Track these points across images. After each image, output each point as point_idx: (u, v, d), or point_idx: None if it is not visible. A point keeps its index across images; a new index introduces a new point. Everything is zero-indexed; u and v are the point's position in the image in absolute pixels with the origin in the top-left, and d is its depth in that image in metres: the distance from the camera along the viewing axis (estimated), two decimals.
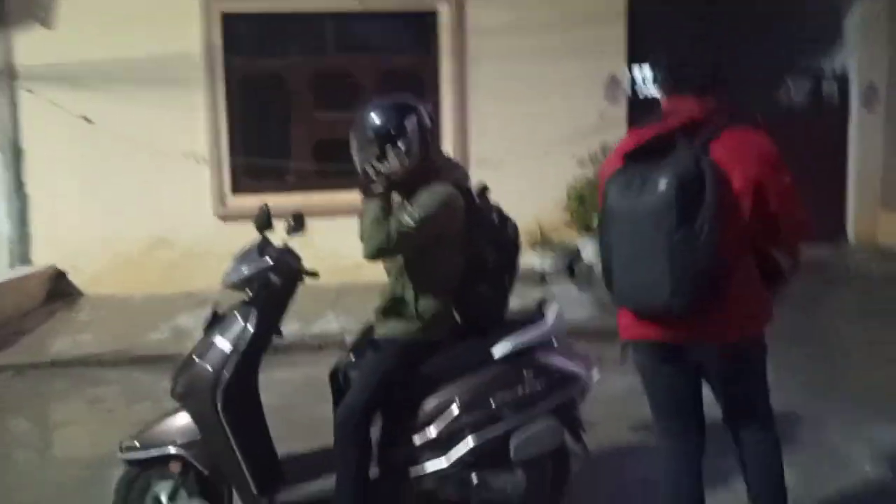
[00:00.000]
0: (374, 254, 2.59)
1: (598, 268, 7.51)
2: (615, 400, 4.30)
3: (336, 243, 5.74)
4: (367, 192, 2.64)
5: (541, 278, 7.30)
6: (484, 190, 2.90)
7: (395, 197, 2.70)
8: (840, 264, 7.65)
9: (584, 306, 6.43)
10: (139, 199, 7.35)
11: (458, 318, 2.77)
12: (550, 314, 2.90)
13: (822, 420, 3.97)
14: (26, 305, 6.91)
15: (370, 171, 2.65)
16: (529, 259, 7.37)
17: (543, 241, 7.46)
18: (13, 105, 7.27)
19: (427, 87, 7.70)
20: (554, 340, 2.92)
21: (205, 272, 6.37)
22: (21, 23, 7.16)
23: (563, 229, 7.55)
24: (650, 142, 2.29)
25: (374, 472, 2.70)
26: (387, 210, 2.60)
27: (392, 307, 2.73)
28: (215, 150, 7.45)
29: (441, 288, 2.68)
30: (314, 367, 3.50)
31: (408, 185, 2.68)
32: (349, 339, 3.02)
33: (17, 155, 7.34)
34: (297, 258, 2.90)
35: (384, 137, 2.61)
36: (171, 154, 7.31)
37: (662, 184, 2.16)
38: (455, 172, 2.76)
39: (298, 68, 7.69)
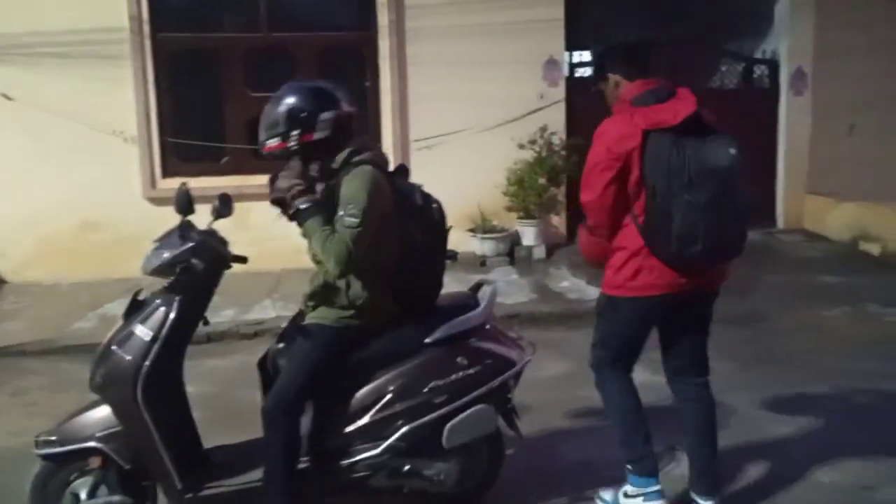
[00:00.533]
0: (343, 269, 2.50)
1: (539, 251, 7.51)
2: (550, 384, 4.35)
3: (274, 227, 5.60)
4: (296, 202, 2.54)
5: (481, 263, 7.31)
6: (402, 170, 2.84)
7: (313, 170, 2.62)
8: (770, 247, 7.88)
9: (523, 291, 6.46)
10: (66, 180, 7.07)
11: (391, 303, 2.71)
12: (485, 298, 2.88)
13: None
14: None
15: (268, 151, 2.60)
16: (470, 243, 7.37)
17: (484, 225, 7.45)
18: None
19: (366, 64, 7.58)
20: (488, 325, 2.90)
21: (136, 257, 6.10)
22: None
23: (503, 213, 7.56)
24: (691, 116, 2.60)
25: (304, 461, 2.64)
26: (324, 220, 2.52)
27: (322, 294, 2.66)
28: (144, 129, 7.20)
29: (374, 272, 2.62)
30: (249, 355, 3.42)
31: (323, 167, 2.62)
32: (286, 325, 2.94)
33: None
34: (223, 242, 2.80)
35: (296, 120, 2.53)
36: (98, 133, 7.05)
37: (733, 150, 2.59)
38: (373, 154, 2.68)
39: (231, 44, 7.48)
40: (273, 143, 2.59)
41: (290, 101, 2.56)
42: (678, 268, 2.66)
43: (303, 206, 2.53)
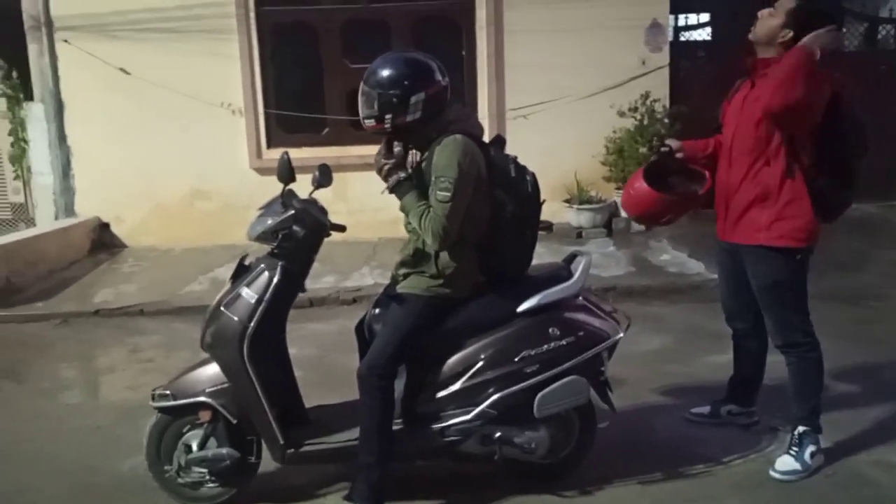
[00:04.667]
0: (441, 242, 2.57)
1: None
2: (645, 359, 4.27)
3: (372, 197, 5.73)
4: (388, 179, 2.63)
5: (577, 234, 7.21)
6: (499, 141, 2.82)
7: (411, 154, 2.68)
8: (890, 221, 7.38)
9: (621, 263, 6.33)
10: (177, 151, 7.43)
11: (479, 273, 2.73)
12: (578, 270, 2.85)
13: None
14: (71, 256, 7.11)
15: (368, 129, 2.65)
16: (566, 214, 7.27)
17: (581, 196, 7.33)
18: (53, 56, 7.37)
19: (462, 33, 7.54)
20: (581, 297, 2.87)
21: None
22: None
23: (601, 184, 7.40)
24: None
25: (397, 424, 2.72)
26: (419, 193, 2.59)
27: (413, 262, 2.70)
28: (250, 101, 7.47)
29: (463, 242, 2.64)
30: (348, 320, 3.54)
31: (420, 140, 2.65)
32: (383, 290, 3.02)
33: (59, 107, 7.46)
34: (323, 211, 2.88)
35: (388, 104, 2.56)
36: (207, 105, 7.35)
37: None
38: (467, 124, 2.68)
39: (331, 16, 7.59)
40: (370, 123, 2.65)
41: (383, 81, 2.58)
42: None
43: (393, 184, 2.61)
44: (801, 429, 2.97)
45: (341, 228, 2.88)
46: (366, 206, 6.89)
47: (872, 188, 7.42)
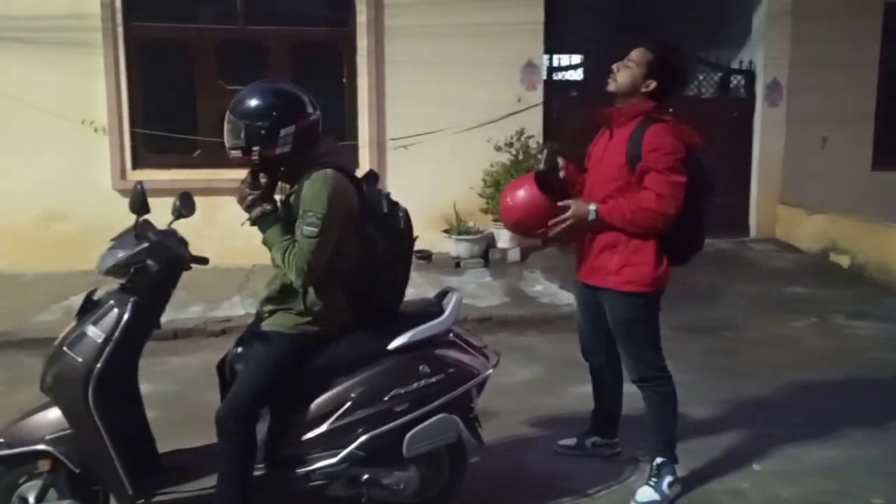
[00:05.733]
0: (306, 280, 2.48)
1: (513, 254, 7.55)
2: (517, 390, 4.33)
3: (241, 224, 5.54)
4: (251, 211, 2.55)
5: (455, 264, 7.27)
6: (372, 176, 2.79)
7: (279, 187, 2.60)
8: (741, 256, 7.94)
9: (496, 294, 6.44)
10: (32, 169, 6.92)
11: (349, 309, 2.66)
12: (450, 306, 2.84)
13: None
14: None
15: (233, 159, 2.56)
16: (444, 244, 7.33)
17: (459, 227, 7.42)
18: None
19: (343, 61, 7.50)
20: (452, 333, 2.86)
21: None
22: None
23: (479, 215, 7.53)
24: None
25: (260, 469, 2.59)
26: (284, 228, 2.51)
27: (280, 298, 2.61)
28: (115, 119, 7.08)
29: (332, 279, 2.57)
30: (215, 353, 3.34)
31: (289, 173, 2.58)
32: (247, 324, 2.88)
33: None
34: (182, 242, 2.73)
35: (256, 136, 2.49)
36: (67, 122, 6.89)
37: None
38: (339, 158, 2.64)
39: (206, 35, 7.36)
40: (236, 154, 2.56)
41: (250, 111, 2.50)
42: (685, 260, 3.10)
43: (256, 216, 2.54)
44: (658, 460, 3.08)
45: (203, 261, 2.74)
46: (238, 232, 6.63)
47: (725, 225, 8.05)
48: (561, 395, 4.30)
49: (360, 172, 2.73)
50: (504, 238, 7.52)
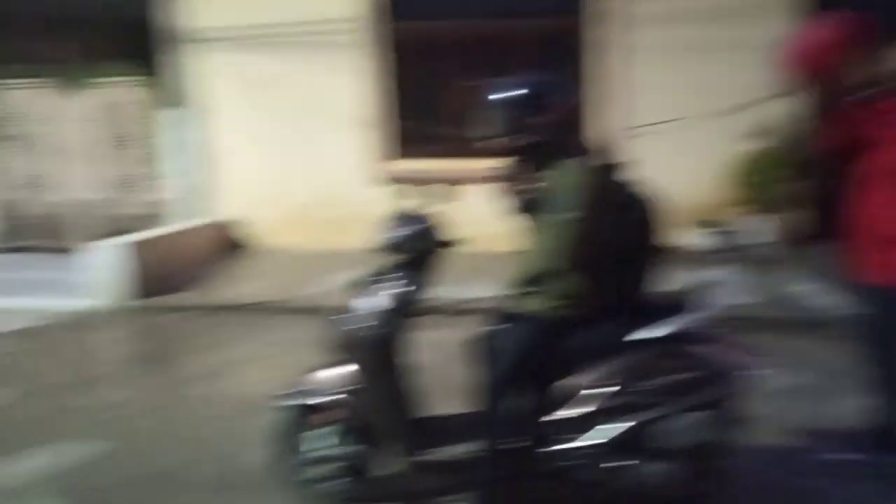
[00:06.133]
0: (554, 265, 2.59)
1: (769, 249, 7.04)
2: (778, 397, 4.02)
3: (494, 210, 5.78)
4: (514, 199, 2.70)
5: (704, 259, 6.92)
6: (619, 165, 2.76)
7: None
8: None
9: (752, 292, 6.02)
10: (307, 160, 7.80)
11: (595, 298, 2.67)
12: (704, 302, 2.74)
13: None
14: (205, 253, 7.58)
15: (493, 144, 2.67)
16: (690, 238, 7.00)
17: (708, 220, 7.04)
18: (199, 66, 7.90)
19: (586, 51, 7.46)
20: (704, 329, 2.75)
21: (365, 233, 6.60)
22: None
23: (730, 208, 7.08)
24: None
25: (509, 442, 2.71)
26: (539, 216, 2.61)
27: (532, 282, 2.69)
28: (378, 113, 7.72)
29: (581, 266, 2.60)
30: (465, 331, 3.55)
31: (542, 162, 2.65)
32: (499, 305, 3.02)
33: (197, 113, 8.00)
34: (443, 226, 2.94)
35: (507, 125, 2.60)
36: (338, 116, 7.65)
37: None
38: (589, 147, 2.66)
39: (461, 30, 7.71)
40: (494, 142, 2.69)
41: (509, 102, 2.62)
42: None
43: (517, 204, 2.68)
44: None
45: (460, 243, 2.95)
46: (489, 219, 6.91)
47: None
48: (819, 404, 3.96)
49: (605, 161, 2.73)
50: (758, 232, 7.00)
